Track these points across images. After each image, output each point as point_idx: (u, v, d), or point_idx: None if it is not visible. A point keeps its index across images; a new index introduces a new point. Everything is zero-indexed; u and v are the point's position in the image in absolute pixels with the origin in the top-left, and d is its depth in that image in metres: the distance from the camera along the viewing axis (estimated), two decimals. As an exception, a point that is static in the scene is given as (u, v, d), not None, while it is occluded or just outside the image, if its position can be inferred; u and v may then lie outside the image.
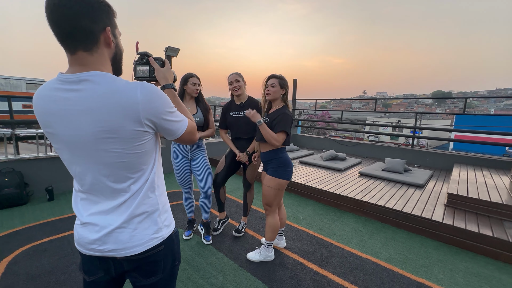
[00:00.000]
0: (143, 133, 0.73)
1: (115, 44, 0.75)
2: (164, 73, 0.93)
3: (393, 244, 2.49)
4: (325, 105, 66.22)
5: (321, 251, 2.33)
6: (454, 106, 73.61)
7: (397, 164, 4.27)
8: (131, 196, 0.76)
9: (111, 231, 0.75)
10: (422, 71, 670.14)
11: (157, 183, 0.82)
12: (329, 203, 3.42)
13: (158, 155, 0.84)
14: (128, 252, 0.77)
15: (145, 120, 0.71)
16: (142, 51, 0.93)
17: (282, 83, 2.01)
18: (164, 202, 0.86)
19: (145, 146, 0.75)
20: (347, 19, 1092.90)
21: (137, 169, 0.76)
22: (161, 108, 0.73)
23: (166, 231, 0.84)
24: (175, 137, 0.81)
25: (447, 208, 2.91)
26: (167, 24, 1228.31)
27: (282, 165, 2.01)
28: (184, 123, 0.82)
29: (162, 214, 0.84)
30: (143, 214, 0.78)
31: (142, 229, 0.78)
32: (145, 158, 0.77)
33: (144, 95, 0.69)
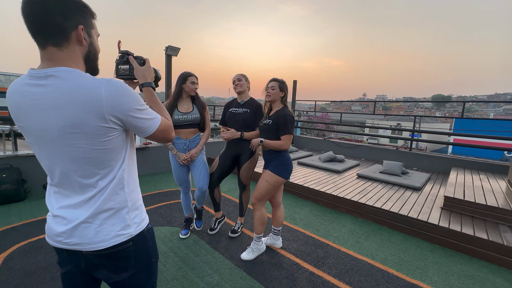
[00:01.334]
0: (108, 129, 0.73)
1: (89, 43, 0.77)
2: (143, 71, 0.94)
3: (389, 246, 2.50)
4: (324, 107, 66.34)
5: (317, 251, 2.34)
6: (454, 110, 73.83)
7: (394, 166, 4.29)
8: (98, 191, 0.77)
9: (77, 225, 0.76)
10: (422, 74, 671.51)
11: (126, 180, 0.82)
12: (326, 204, 3.43)
13: (130, 152, 0.84)
14: (92, 247, 0.78)
15: (110, 117, 0.71)
16: (124, 49, 0.95)
17: (282, 86, 2.08)
18: (134, 199, 0.86)
19: (113, 143, 0.76)
20: (346, 21, 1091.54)
21: (105, 165, 0.77)
22: (127, 105, 0.73)
23: (135, 228, 0.84)
24: (146, 135, 0.82)
25: (443, 211, 2.93)
26: (167, 24, 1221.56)
27: (284, 164, 2.06)
28: (156, 121, 0.82)
29: (132, 211, 0.84)
30: (110, 210, 0.79)
31: (108, 225, 0.79)
32: (113, 154, 0.77)
33: (109, 92, 0.70)
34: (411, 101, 6.99)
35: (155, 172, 4.63)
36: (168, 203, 3.29)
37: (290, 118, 1.98)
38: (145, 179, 4.22)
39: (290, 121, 1.98)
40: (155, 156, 4.61)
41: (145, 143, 4.60)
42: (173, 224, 2.74)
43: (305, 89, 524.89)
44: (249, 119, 2.34)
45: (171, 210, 3.08)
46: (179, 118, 2.26)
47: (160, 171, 4.69)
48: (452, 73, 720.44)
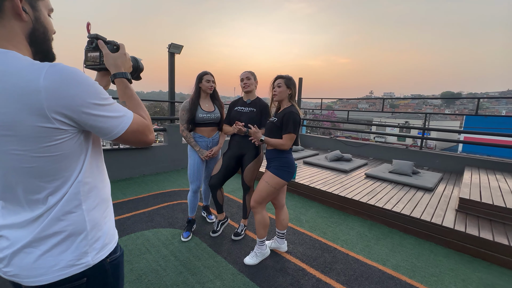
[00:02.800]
0: (54, 131, 0.56)
1: (33, 18, 0.60)
2: (115, 59, 0.76)
3: (400, 250, 2.37)
4: (331, 105, 65.71)
5: (324, 256, 2.23)
6: (464, 107, 72.07)
7: (405, 166, 4.12)
8: (47, 210, 0.61)
9: (17, 250, 0.61)
10: (431, 71, 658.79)
11: (85, 195, 0.66)
12: (333, 205, 3.30)
13: (92, 159, 0.67)
14: (32, 281, 0.61)
15: (54, 114, 0.54)
16: (93, 33, 0.77)
17: (288, 83, 1.97)
18: (97, 218, 0.69)
19: (62, 148, 0.59)
20: (352, 19, 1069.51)
21: (54, 177, 0.60)
22: (79, 98, 0.56)
23: (94, 256, 0.67)
24: (112, 137, 0.65)
25: (458, 214, 2.77)
26: (173, 23, 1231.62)
27: (285, 165, 1.95)
28: (125, 119, 0.65)
29: (92, 234, 0.67)
30: (59, 234, 0.62)
31: (56, 253, 0.62)
32: (64, 163, 0.61)
33: (50, 80, 0.53)
34: (419, 98, 6.75)
35: (158, 171, 4.58)
36: (170, 204, 3.22)
37: (295, 117, 1.87)
38: (148, 179, 4.17)
39: (294, 120, 1.87)
40: (159, 155, 4.55)
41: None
42: (175, 226, 2.66)
43: (311, 87, 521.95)
44: (255, 118, 2.25)
45: (174, 211, 3.01)
46: (204, 116, 2.35)
47: (164, 171, 4.64)
48: (461, 69, 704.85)
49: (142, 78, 0.98)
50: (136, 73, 0.93)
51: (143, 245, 2.28)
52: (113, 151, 4.04)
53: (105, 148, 3.93)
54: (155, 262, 2.05)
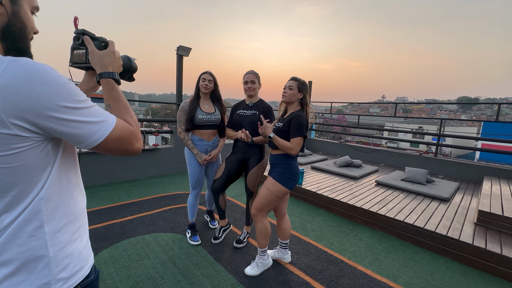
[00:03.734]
0: (11, 138, 0.47)
1: (10, 12, 0.54)
2: (102, 57, 0.68)
3: (413, 265, 2.21)
4: (341, 109, 64.75)
5: (330, 269, 2.10)
6: (481, 113, 69.36)
7: (418, 174, 3.92)
8: (1, 231, 0.51)
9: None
10: (446, 75, 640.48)
11: (49, 215, 0.56)
12: (341, 214, 3.16)
13: (59, 171, 0.57)
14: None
15: (12, 119, 0.46)
16: (80, 28, 0.70)
17: (301, 87, 1.88)
18: (64, 242, 0.59)
19: (21, 159, 0.50)
20: (364, 22, 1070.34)
21: (8, 192, 0.51)
22: (47, 100, 0.48)
23: (60, 287, 0.57)
24: (88, 146, 0.56)
25: (477, 228, 2.57)
26: (185, 27, 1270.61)
27: (288, 172, 1.85)
28: (106, 125, 0.57)
29: (57, 261, 0.57)
30: (12, 263, 0.52)
31: (11, 284, 0.52)
32: (24, 176, 0.51)
33: (9, 78, 0.45)
34: (434, 103, 6.49)
35: (164, 173, 4.56)
36: (173, 207, 3.17)
37: (302, 120, 1.78)
38: (153, 181, 4.15)
39: (302, 124, 1.78)
40: (165, 157, 4.54)
41: (154, 144, 4.55)
42: (176, 231, 2.60)
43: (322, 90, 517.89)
44: (258, 121, 2.16)
45: (176, 215, 2.95)
46: (203, 117, 2.25)
47: (170, 173, 4.62)
48: (479, 74, 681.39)
49: (135, 79, 0.91)
50: (128, 74, 0.85)
51: (142, 250, 2.23)
52: (120, 152, 4.05)
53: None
54: (153, 269, 1.99)
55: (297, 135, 1.77)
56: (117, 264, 2.03)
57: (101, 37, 0.73)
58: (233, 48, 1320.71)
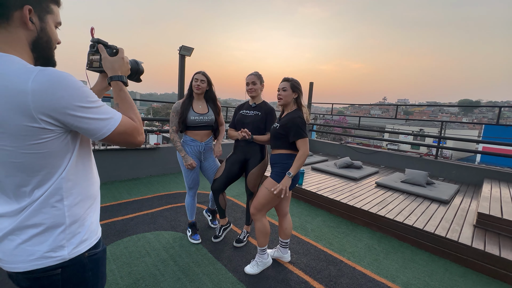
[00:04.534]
0: (40, 130, 0.60)
1: (39, 28, 0.66)
2: (112, 62, 0.82)
3: (412, 266, 2.22)
4: (342, 111, 64.73)
5: (329, 269, 2.12)
6: (483, 116, 69.22)
7: (418, 176, 3.93)
8: (31, 202, 0.66)
9: (2, 237, 0.67)
10: (448, 78, 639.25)
11: (68, 191, 0.69)
12: (341, 214, 3.17)
13: (78, 158, 0.72)
14: (12, 267, 0.67)
15: (40, 115, 0.59)
16: (96, 37, 0.83)
17: (294, 86, 1.87)
18: (77, 215, 0.72)
19: (48, 146, 0.63)
20: (366, 23, 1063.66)
21: (39, 172, 0.65)
22: (65, 101, 0.61)
23: (70, 250, 0.70)
24: (98, 138, 0.69)
25: (476, 230, 2.58)
26: (188, 27, 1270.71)
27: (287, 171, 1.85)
28: (112, 121, 0.69)
29: (70, 229, 0.70)
30: (39, 226, 0.66)
31: (34, 243, 0.66)
32: (49, 160, 0.65)
33: (38, 84, 0.57)
34: (435, 105, 6.49)
35: (165, 173, 4.59)
36: (174, 206, 3.19)
37: (299, 121, 1.79)
38: (154, 180, 4.17)
39: (301, 123, 1.79)
40: (166, 156, 4.56)
41: (156, 143, 4.58)
42: (177, 229, 2.62)
43: (323, 91, 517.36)
44: (259, 122, 2.18)
45: (177, 214, 2.97)
46: (195, 119, 2.23)
47: (171, 172, 4.64)
48: (480, 76, 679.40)
49: (142, 81, 1.02)
50: (136, 76, 0.96)
51: (143, 248, 2.25)
52: (121, 151, 4.08)
53: (112, 149, 3.96)
54: (154, 266, 2.01)
55: (299, 137, 1.78)
56: (119, 261, 2.05)
57: (113, 45, 0.86)
58: (235, 49, 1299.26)
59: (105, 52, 0.83)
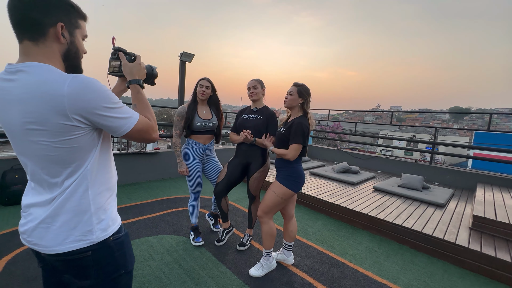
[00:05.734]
0: (72, 128, 0.70)
1: (69, 41, 0.76)
2: (131, 68, 0.91)
3: (412, 268, 2.27)
4: (337, 117, 65.58)
5: (332, 271, 2.15)
6: (473, 123, 70.95)
7: (414, 180, 4.03)
8: (62, 191, 0.75)
9: (37, 225, 0.75)
10: (439, 86, 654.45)
11: (92, 182, 0.78)
12: (341, 218, 3.22)
13: (101, 152, 0.81)
14: (49, 250, 0.75)
15: (73, 115, 0.68)
16: (117, 46, 0.93)
17: (301, 92, 1.93)
18: (100, 203, 0.81)
19: (78, 141, 0.73)
20: (360, 32, 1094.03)
21: (69, 164, 0.74)
22: (93, 102, 0.70)
23: (98, 235, 0.79)
24: (120, 135, 0.79)
25: (472, 232, 2.66)
26: (184, 34, 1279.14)
27: (292, 175, 1.91)
28: (131, 120, 0.78)
29: (96, 216, 0.79)
30: (69, 213, 0.75)
31: (67, 228, 0.75)
32: (79, 154, 0.74)
33: (72, 88, 0.67)
34: (428, 112, 6.66)
35: (164, 177, 4.58)
36: (175, 210, 3.19)
37: (302, 128, 1.82)
38: (154, 184, 4.16)
39: (302, 131, 1.81)
40: (166, 161, 4.57)
41: (155, 147, 4.58)
42: (180, 233, 2.62)
43: (318, 98, 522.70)
44: (260, 125, 2.22)
45: (178, 218, 2.98)
46: (201, 124, 2.29)
47: (170, 177, 4.64)
48: (470, 85, 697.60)
49: (156, 84, 1.10)
50: (151, 79, 1.05)
51: (147, 252, 2.24)
52: (121, 155, 4.08)
53: (113, 153, 3.96)
54: (159, 270, 2.01)
55: (294, 141, 1.82)
56: (123, 265, 2.04)
57: (131, 53, 0.95)
58: (231, 56, 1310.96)
59: (124, 59, 0.91)
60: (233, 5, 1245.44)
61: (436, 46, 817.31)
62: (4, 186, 3.00)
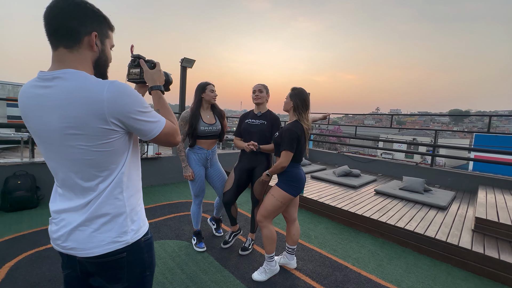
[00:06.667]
0: (109, 131, 0.73)
1: (101, 50, 0.80)
2: (152, 75, 0.94)
3: (415, 271, 2.26)
4: (336, 121, 65.67)
5: (335, 274, 2.15)
6: (473, 126, 71.02)
7: (416, 183, 4.03)
8: (97, 195, 0.76)
9: (73, 229, 0.76)
10: (438, 89, 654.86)
11: (126, 184, 0.81)
12: (343, 221, 3.22)
13: (132, 155, 0.83)
14: (87, 253, 0.76)
15: (111, 119, 0.71)
16: (136, 53, 0.95)
17: (291, 96, 1.93)
18: (133, 204, 0.83)
19: (113, 145, 0.75)
20: (358, 37, 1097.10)
21: (105, 167, 0.76)
22: (129, 107, 0.73)
23: (132, 236, 0.81)
24: (149, 138, 0.81)
25: (475, 234, 2.66)
26: (184, 39, 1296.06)
27: (291, 179, 1.92)
28: (160, 124, 0.81)
29: (130, 217, 0.82)
30: (107, 215, 0.77)
31: (104, 230, 0.77)
32: (114, 157, 0.77)
33: (110, 93, 0.70)
34: (428, 115, 6.69)
35: (166, 182, 4.58)
36: (177, 215, 3.19)
37: (290, 134, 1.81)
38: (155, 189, 4.17)
39: (289, 138, 1.80)
40: (167, 166, 4.58)
41: (157, 152, 4.60)
42: (182, 238, 2.62)
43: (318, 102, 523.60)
44: (266, 130, 2.23)
45: (180, 223, 2.98)
46: (205, 129, 2.28)
47: (171, 182, 4.64)
48: (469, 87, 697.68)
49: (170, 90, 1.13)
50: (166, 85, 1.07)
51: (149, 257, 2.24)
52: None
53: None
54: (162, 275, 2.01)
55: (283, 148, 1.83)
56: (125, 270, 2.04)
57: (151, 60, 0.96)
58: (230, 61, 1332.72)
59: (146, 66, 0.94)
60: (232, 11, 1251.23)
61: (434, 49, 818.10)
62: (6, 192, 3.01)
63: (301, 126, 1.88)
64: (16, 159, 3.41)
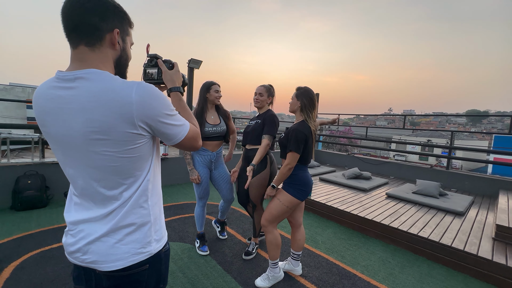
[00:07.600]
0: (137, 136, 0.68)
1: (122, 48, 0.75)
2: (172, 75, 0.89)
3: (429, 281, 2.12)
4: (347, 122, 64.54)
5: (343, 283, 2.04)
6: (492, 127, 68.05)
7: (430, 186, 3.83)
8: (121, 204, 0.71)
9: (93, 240, 0.70)
10: (454, 89, 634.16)
11: (150, 192, 0.76)
12: (352, 226, 3.09)
13: (155, 161, 0.79)
14: (109, 266, 0.70)
15: (140, 122, 0.67)
16: (153, 53, 0.90)
17: (298, 95, 1.86)
18: (157, 213, 0.79)
19: (140, 150, 0.71)
20: (368, 37, 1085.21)
21: (130, 175, 0.71)
22: (158, 110, 0.69)
23: (155, 246, 0.77)
24: (174, 142, 0.77)
25: (496, 243, 2.47)
26: (193, 42, 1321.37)
27: (297, 183, 1.84)
28: (185, 127, 0.77)
29: (153, 227, 0.77)
30: (132, 225, 0.72)
31: (128, 241, 0.72)
32: (139, 163, 0.72)
33: (139, 96, 0.65)
34: (443, 115, 6.42)
35: (172, 183, 4.59)
36: (182, 217, 3.16)
37: (296, 135, 1.73)
38: (162, 190, 4.17)
39: (295, 138, 1.72)
40: (174, 167, 4.58)
41: (164, 153, 4.61)
42: (185, 240, 2.58)
43: (328, 103, 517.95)
44: (258, 129, 2.21)
45: (185, 225, 2.94)
46: (209, 130, 2.23)
47: (178, 183, 4.64)
48: (487, 87, 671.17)
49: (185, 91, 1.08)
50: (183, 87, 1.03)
51: (152, 259, 2.21)
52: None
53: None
54: (163, 278, 1.97)
55: (289, 149, 1.76)
56: (127, 272, 2.01)
57: (169, 60, 0.91)
58: (239, 62, 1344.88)
59: (164, 66, 0.89)
60: (241, 12, 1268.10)
61: (448, 48, 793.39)
62: (17, 192, 3.08)
63: (308, 126, 1.80)
64: (27, 159, 3.49)
